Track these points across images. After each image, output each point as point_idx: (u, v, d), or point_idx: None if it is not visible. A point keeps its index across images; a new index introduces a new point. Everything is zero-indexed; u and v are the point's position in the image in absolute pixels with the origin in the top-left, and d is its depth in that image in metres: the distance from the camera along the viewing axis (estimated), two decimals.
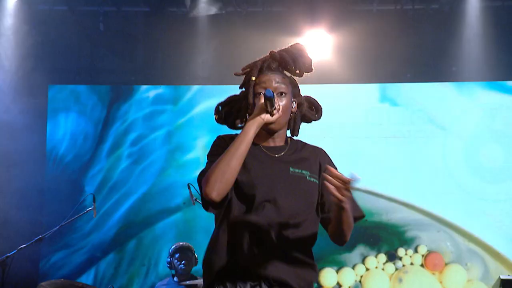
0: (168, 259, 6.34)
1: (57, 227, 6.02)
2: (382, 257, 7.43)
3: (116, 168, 8.09)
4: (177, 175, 7.89)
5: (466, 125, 7.57)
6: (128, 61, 8.39)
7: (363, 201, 7.24)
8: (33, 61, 7.94)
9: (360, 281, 7.40)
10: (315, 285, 7.18)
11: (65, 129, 8.21)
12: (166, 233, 6.90)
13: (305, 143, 2.84)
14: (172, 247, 6.41)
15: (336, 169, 2.64)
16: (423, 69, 7.88)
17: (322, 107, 2.91)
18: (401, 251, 7.40)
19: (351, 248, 7.42)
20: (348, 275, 7.43)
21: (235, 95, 2.81)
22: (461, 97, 7.61)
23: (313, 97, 2.91)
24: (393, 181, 7.52)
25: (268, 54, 2.73)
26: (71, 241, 7.97)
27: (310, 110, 2.87)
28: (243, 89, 2.78)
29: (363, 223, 7.15)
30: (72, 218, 6.15)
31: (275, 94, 2.58)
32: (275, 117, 2.59)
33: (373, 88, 7.79)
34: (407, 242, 7.41)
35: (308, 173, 2.69)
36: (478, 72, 7.55)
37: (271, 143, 2.71)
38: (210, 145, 2.77)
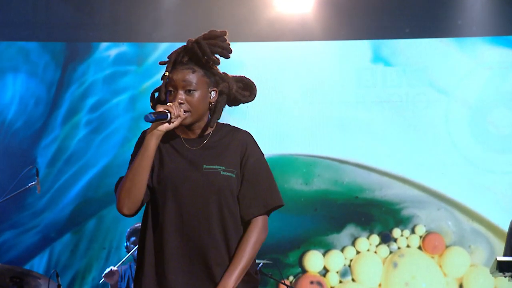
0: (125, 243, 6.20)
1: None
2: (375, 238, 7.12)
3: (73, 137, 7.77)
4: None
5: (472, 87, 7.23)
6: (86, 14, 7.90)
7: (353, 175, 7.21)
8: None
9: (349, 266, 7.16)
10: (299, 269, 6.85)
11: (13, 91, 7.88)
12: None
13: (232, 127, 2.94)
14: (128, 229, 6.23)
15: (263, 155, 2.89)
16: (422, 23, 7.43)
17: (256, 87, 3.00)
18: (396, 232, 7.09)
19: (339, 229, 7.19)
20: (336, 259, 7.15)
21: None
22: (465, 55, 7.25)
23: (246, 77, 2.99)
24: (388, 152, 7.23)
25: (184, 45, 2.83)
26: (20, 220, 7.70)
27: (242, 91, 2.96)
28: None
29: (354, 200, 7.23)
30: (11, 195, 5.89)
31: (171, 105, 2.73)
32: (178, 120, 2.72)
33: (364, 46, 7.40)
34: (403, 222, 7.12)
35: (223, 167, 2.80)
36: (485, 26, 7.21)
37: (191, 135, 2.85)
38: None
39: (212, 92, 2.85)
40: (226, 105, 2.94)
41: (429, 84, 7.19)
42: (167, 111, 2.68)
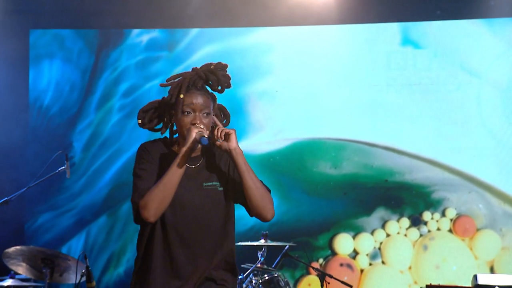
0: None
1: (24, 189, 5.92)
2: (405, 221, 7.10)
3: (107, 122, 7.85)
4: None
5: (504, 69, 7.11)
6: (119, 1, 7.82)
7: (383, 159, 7.14)
8: (12, 3, 7.59)
9: (379, 248, 7.16)
10: (329, 252, 7.10)
11: (49, 77, 7.95)
12: None
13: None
14: None
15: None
16: (453, 4, 7.27)
17: (230, 114, 3.38)
18: (426, 215, 7.06)
19: (369, 212, 7.19)
20: (366, 242, 7.18)
21: (153, 102, 3.31)
22: (497, 36, 7.12)
23: (223, 105, 3.36)
24: (418, 135, 7.20)
25: (193, 71, 3.17)
26: (58, 202, 7.76)
27: (220, 117, 3.27)
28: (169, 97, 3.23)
29: (384, 183, 7.21)
30: (41, 179, 5.96)
31: (200, 127, 3.03)
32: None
33: (393, 28, 7.32)
34: (434, 205, 7.07)
35: (218, 184, 3.14)
36: None
37: (191, 154, 3.08)
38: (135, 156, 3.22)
39: (214, 116, 3.18)
40: None
41: (460, 66, 7.09)
42: (205, 135, 2.99)
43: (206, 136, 3.01)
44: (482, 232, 6.82)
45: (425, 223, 7.01)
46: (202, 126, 3.05)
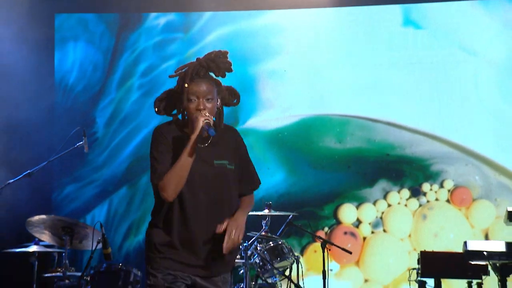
0: None
1: (45, 162, 5.99)
2: (405, 192, 7.12)
3: (127, 100, 7.90)
4: None
5: (499, 48, 7.09)
6: None
7: (385, 133, 7.02)
8: None
9: (381, 218, 7.17)
10: (334, 221, 7.16)
11: (74, 58, 8.07)
12: None
13: (225, 126, 3.41)
14: None
15: (245, 146, 3.43)
16: None
17: (239, 94, 3.44)
18: (425, 186, 7.08)
19: (372, 183, 7.21)
20: (368, 211, 7.19)
21: (167, 91, 3.40)
22: (493, 16, 7.07)
23: (232, 86, 3.42)
24: (418, 111, 7.19)
25: (196, 61, 3.28)
26: (82, 174, 7.85)
27: (230, 96, 3.39)
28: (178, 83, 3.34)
29: (385, 157, 7.21)
30: (61, 154, 6.06)
31: (204, 112, 3.18)
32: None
33: (395, 10, 7.31)
34: (433, 177, 7.08)
35: (227, 162, 3.29)
36: None
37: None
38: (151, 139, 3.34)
39: (218, 100, 3.31)
40: None
41: (458, 45, 7.07)
42: (209, 122, 3.14)
43: (212, 123, 3.14)
44: (478, 202, 6.82)
45: (424, 194, 7.00)
46: (207, 113, 3.17)
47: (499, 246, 5.16)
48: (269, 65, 7.52)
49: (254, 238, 5.79)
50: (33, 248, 5.82)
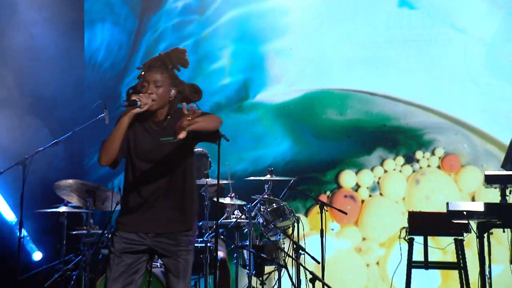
0: None
1: (70, 132, 6.00)
2: (400, 159, 7.17)
3: None
4: (204, 83, 7.70)
5: (488, 26, 7.01)
6: None
7: (381, 106, 7.14)
8: None
9: (378, 183, 7.23)
10: (335, 185, 7.25)
11: (102, 39, 8.21)
12: None
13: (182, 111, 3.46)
14: None
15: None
16: None
17: (202, 91, 3.54)
18: (418, 154, 7.12)
19: (370, 151, 7.26)
20: (367, 177, 7.25)
21: (137, 82, 3.53)
22: None
23: (196, 85, 3.56)
24: (412, 85, 7.18)
25: (158, 55, 3.47)
26: None
27: (193, 93, 3.51)
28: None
29: (382, 127, 7.27)
30: (83, 125, 6.06)
31: (144, 95, 3.34)
32: (146, 106, 3.31)
33: None
34: (425, 145, 7.12)
35: (172, 138, 3.29)
36: None
37: (155, 119, 3.46)
38: None
39: (172, 90, 3.44)
40: None
41: (449, 24, 7.01)
42: (137, 100, 3.27)
43: (140, 103, 3.27)
44: (466, 168, 6.84)
45: (417, 161, 7.04)
46: (141, 95, 3.31)
47: (477, 207, 5.15)
48: (276, 44, 7.52)
49: (257, 200, 5.87)
50: (62, 209, 5.99)
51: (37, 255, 7.43)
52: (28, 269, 6.52)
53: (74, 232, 6.07)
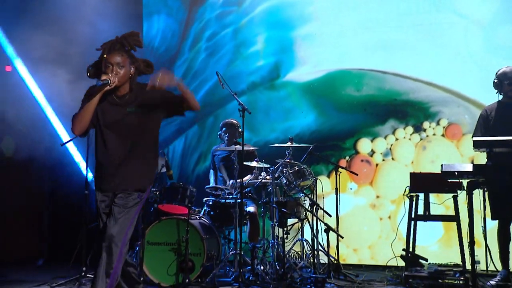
0: (219, 132, 6.68)
1: None
2: (409, 129, 7.26)
3: (196, 59, 8.22)
4: (242, 65, 8.03)
5: (485, 12, 7.01)
6: None
7: (393, 83, 7.23)
8: None
9: (390, 149, 7.31)
10: (353, 151, 7.29)
11: (158, 27, 8.45)
12: (235, 112, 6.84)
13: (142, 84, 3.65)
14: (222, 122, 6.69)
15: (156, 91, 3.56)
16: None
17: (153, 65, 3.71)
18: (425, 124, 7.19)
19: (383, 122, 7.33)
20: (380, 144, 7.36)
21: (96, 61, 3.62)
22: None
23: (148, 60, 3.76)
24: (420, 64, 7.20)
25: (114, 38, 3.56)
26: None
27: (146, 68, 3.67)
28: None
29: (393, 101, 7.25)
30: None
31: (110, 75, 3.50)
32: (113, 84, 3.49)
33: None
34: (431, 116, 7.17)
35: (134, 108, 3.60)
36: None
37: (118, 93, 3.63)
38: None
39: (132, 68, 3.61)
40: None
41: (452, 10, 7.05)
42: (108, 80, 3.47)
43: (109, 82, 3.47)
44: (466, 136, 6.83)
45: (424, 130, 7.10)
46: (113, 74, 3.49)
47: (467, 167, 5.16)
48: (303, 30, 7.64)
49: (279, 163, 6.10)
50: None
51: None
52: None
53: None
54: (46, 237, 8.10)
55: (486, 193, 5.87)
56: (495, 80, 5.80)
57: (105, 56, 3.52)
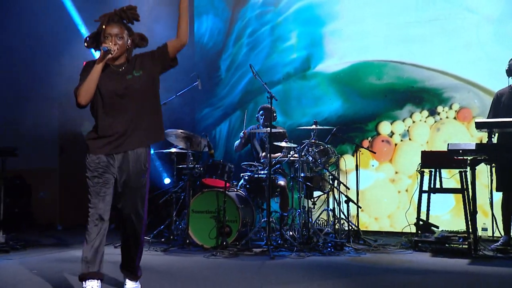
0: (257, 114, 6.89)
1: (172, 97, 6.50)
2: (425, 113, 7.30)
3: (239, 53, 8.39)
4: (278, 58, 8.19)
5: (495, 7, 7.03)
6: None
7: (410, 72, 7.39)
8: None
9: (407, 130, 7.37)
10: (375, 133, 7.35)
11: (206, 26, 8.64)
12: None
13: (140, 54, 3.47)
14: (259, 106, 6.88)
15: (151, 52, 3.45)
16: None
17: (148, 38, 3.49)
18: (439, 108, 7.22)
19: (401, 107, 7.38)
20: (399, 126, 7.43)
21: (94, 32, 3.40)
22: None
23: (143, 34, 3.50)
24: (434, 55, 7.22)
25: (113, 11, 3.34)
26: (213, 102, 8.48)
27: (141, 41, 3.45)
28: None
29: (411, 88, 7.34)
30: (182, 91, 6.62)
31: (110, 44, 3.28)
32: (114, 53, 3.30)
33: None
34: (444, 101, 7.19)
35: (134, 71, 3.39)
36: None
37: (117, 62, 3.41)
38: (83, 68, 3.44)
39: (128, 40, 3.41)
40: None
41: (465, 7, 7.07)
42: (111, 49, 3.29)
43: (108, 47, 3.26)
44: (476, 119, 6.38)
45: (438, 114, 7.13)
46: (110, 43, 3.28)
47: (470, 146, 5.30)
48: (331, 27, 7.74)
49: (305, 143, 6.24)
50: (172, 150, 6.52)
51: (167, 180, 7.98)
52: (157, 189, 7.04)
53: (180, 166, 6.56)
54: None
55: (493, 169, 5.92)
56: (507, 68, 5.84)
57: (104, 27, 3.33)
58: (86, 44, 3.36)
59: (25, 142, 7.23)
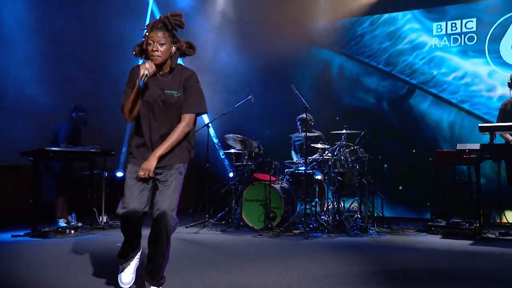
0: (297, 123, 6.98)
1: (231, 108, 6.57)
2: None
3: None
4: None
5: None
6: None
7: None
8: None
9: None
10: None
11: None
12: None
13: (183, 67, 3.06)
14: (297, 117, 6.97)
15: (198, 82, 3.01)
16: None
17: (195, 47, 3.10)
18: None
19: None
20: None
21: (142, 41, 3.02)
22: None
23: (191, 41, 3.11)
24: None
25: (158, 18, 2.97)
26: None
27: (189, 49, 3.08)
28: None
29: None
30: (240, 103, 6.63)
31: (146, 65, 2.91)
32: (151, 70, 2.92)
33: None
34: None
35: (175, 92, 2.99)
36: None
37: (161, 71, 3.02)
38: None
39: (173, 47, 2.99)
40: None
41: None
42: (146, 72, 2.88)
43: (149, 74, 2.88)
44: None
45: None
46: (147, 66, 2.90)
47: (475, 146, 5.30)
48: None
49: (337, 145, 6.34)
50: (232, 150, 6.69)
51: (231, 174, 7.95)
52: (219, 182, 7.22)
53: (236, 163, 6.72)
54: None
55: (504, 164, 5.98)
56: (509, 81, 5.85)
57: (147, 34, 2.96)
58: (134, 53, 2.99)
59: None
